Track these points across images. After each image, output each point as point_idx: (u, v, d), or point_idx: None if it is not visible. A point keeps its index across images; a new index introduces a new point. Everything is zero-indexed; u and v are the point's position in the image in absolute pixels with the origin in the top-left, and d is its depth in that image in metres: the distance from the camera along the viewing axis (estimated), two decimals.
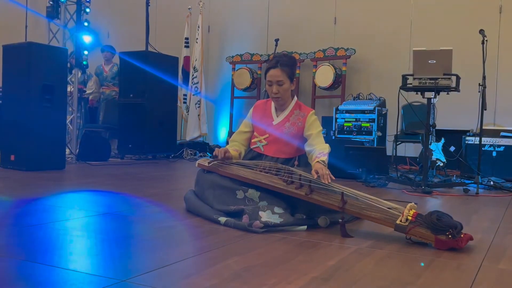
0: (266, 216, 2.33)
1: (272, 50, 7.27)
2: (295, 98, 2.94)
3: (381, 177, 4.65)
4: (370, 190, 4.07)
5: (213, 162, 2.76)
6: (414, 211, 2.18)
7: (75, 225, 2.42)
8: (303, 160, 2.84)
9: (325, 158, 2.57)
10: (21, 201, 3.00)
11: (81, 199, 3.26)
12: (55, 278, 1.51)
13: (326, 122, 6.56)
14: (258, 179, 2.50)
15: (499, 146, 5.25)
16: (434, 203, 3.65)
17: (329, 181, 2.37)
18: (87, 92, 7.61)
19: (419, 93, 4.48)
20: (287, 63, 2.79)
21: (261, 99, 7.48)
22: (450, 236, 2.02)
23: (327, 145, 2.74)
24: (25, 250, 1.84)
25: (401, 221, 2.14)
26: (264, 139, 2.77)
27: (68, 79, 5.53)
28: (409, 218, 2.14)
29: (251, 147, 2.93)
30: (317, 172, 2.41)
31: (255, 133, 2.90)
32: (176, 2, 8.37)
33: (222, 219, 2.41)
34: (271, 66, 2.77)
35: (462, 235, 2.04)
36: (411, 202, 2.27)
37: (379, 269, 1.78)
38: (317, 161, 2.52)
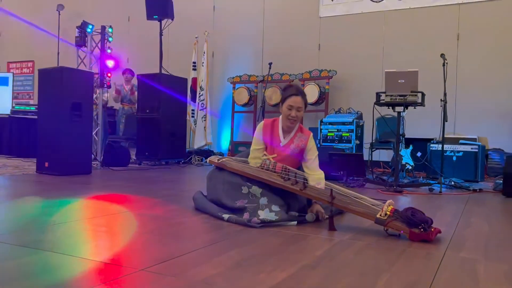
0: (264, 214, 2.32)
1: (266, 71, 7.29)
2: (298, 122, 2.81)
3: (359, 179, 4.65)
4: (350, 190, 4.07)
5: (221, 159, 2.76)
6: (392, 207, 2.20)
7: (100, 222, 2.41)
8: (300, 168, 2.78)
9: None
10: (53, 201, 2.99)
11: (105, 200, 3.24)
12: (76, 268, 1.51)
13: (312, 132, 6.55)
14: (260, 176, 2.49)
15: (458, 152, 5.28)
16: (404, 201, 3.65)
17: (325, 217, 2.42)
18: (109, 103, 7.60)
19: (390, 107, 4.50)
20: (304, 93, 2.73)
21: (257, 114, 7.57)
22: (422, 229, 2.04)
23: (322, 173, 2.67)
24: (57, 244, 1.83)
25: (380, 215, 2.15)
26: (272, 158, 2.67)
27: (94, 97, 5.53)
28: (388, 213, 2.15)
29: None
30: (316, 213, 2.48)
31: (265, 151, 2.76)
32: (185, 32, 8.39)
33: (226, 215, 2.41)
34: (293, 93, 2.62)
35: (432, 229, 2.05)
36: (389, 200, 2.28)
37: (359, 258, 1.77)
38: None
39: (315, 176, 2.61)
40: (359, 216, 2.30)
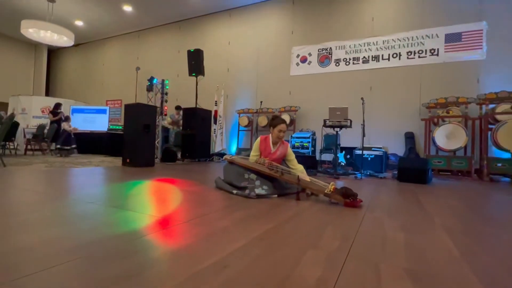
0: (258, 190, 2.32)
1: (259, 106, 7.34)
2: None
3: (313, 171, 4.66)
4: (309, 176, 4.08)
5: (232, 157, 2.75)
6: (334, 186, 2.20)
7: (160, 194, 2.39)
8: (283, 164, 2.74)
9: (308, 178, 2.48)
10: (132, 182, 2.97)
11: (162, 181, 3.22)
12: (145, 221, 1.50)
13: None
14: (256, 167, 2.49)
15: (371, 154, 5.30)
16: (340, 183, 3.65)
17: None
18: (166, 125, 7.59)
19: (332, 128, 4.53)
20: (285, 121, 2.77)
21: (253, 133, 7.59)
22: (351, 199, 2.04)
23: (302, 166, 2.65)
24: (134, 206, 1.82)
25: (327, 191, 2.16)
26: (267, 160, 2.65)
27: (157, 121, 5.52)
28: (331, 189, 2.15)
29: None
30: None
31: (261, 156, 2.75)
32: (211, 83, 8.42)
33: (234, 191, 2.40)
34: (280, 122, 2.61)
35: (357, 200, 2.06)
36: (332, 182, 2.29)
37: (314, 216, 1.78)
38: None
39: (299, 168, 2.62)
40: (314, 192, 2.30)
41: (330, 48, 7.15)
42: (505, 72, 5.46)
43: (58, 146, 6.68)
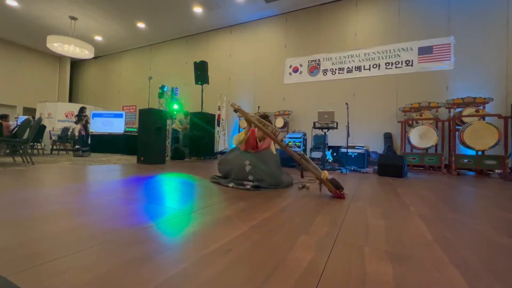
0: (251, 185, 2.30)
1: (256, 110, 7.30)
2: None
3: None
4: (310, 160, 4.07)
5: (239, 107, 2.74)
6: (327, 175, 2.18)
7: (169, 188, 2.37)
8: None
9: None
10: (145, 176, 2.95)
11: (172, 176, 3.20)
12: (162, 211, 1.49)
13: None
14: (261, 126, 2.47)
15: (355, 152, 5.30)
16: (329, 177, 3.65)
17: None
18: (175, 127, 7.55)
19: (320, 129, 4.53)
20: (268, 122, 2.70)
21: None
22: (340, 191, 2.04)
23: None
24: (148, 198, 1.81)
25: (323, 177, 2.15)
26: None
27: (167, 124, 5.49)
28: (326, 177, 2.14)
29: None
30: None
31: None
32: (214, 90, 8.39)
33: (230, 184, 2.38)
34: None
35: (343, 193, 2.06)
36: (326, 171, 2.27)
37: (306, 206, 1.77)
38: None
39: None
40: (312, 178, 2.28)
41: (319, 59, 7.15)
42: (470, 80, 5.50)
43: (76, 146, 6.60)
